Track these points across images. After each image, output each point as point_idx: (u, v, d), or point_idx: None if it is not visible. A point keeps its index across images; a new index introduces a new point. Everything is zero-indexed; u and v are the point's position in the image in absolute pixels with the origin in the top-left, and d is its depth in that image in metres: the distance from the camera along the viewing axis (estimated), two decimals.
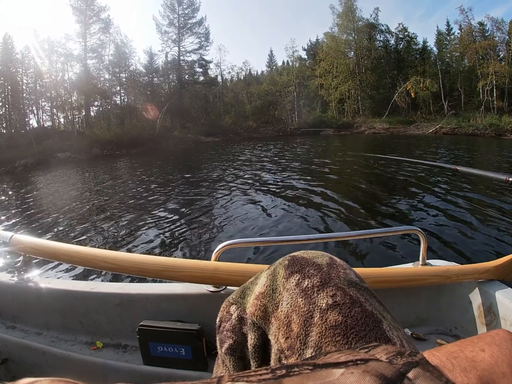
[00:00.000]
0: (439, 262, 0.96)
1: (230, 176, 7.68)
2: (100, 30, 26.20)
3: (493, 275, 0.86)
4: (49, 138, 20.00)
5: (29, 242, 0.93)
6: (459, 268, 0.86)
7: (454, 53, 26.95)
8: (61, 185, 8.89)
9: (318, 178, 6.59)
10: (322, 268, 0.39)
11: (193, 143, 21.90)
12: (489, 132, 19.13)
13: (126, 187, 7.33)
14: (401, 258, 2.64)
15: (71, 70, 25.52)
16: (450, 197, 4.49)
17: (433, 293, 0.93)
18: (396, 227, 1.00)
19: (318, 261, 0.41)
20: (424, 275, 0.85)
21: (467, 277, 0.85)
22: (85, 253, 0.85)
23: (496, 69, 23.26)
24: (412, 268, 0.92)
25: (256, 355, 0.39)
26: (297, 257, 0.42)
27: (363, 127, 25.06)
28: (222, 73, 32.31)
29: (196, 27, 28.88)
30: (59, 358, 0.89)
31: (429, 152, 10.79)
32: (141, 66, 28.78)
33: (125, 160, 14.82)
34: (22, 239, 0.93)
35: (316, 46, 31.79)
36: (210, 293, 0.84)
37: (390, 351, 0.23)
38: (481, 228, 3.22)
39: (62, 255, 0.88)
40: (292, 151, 13.36)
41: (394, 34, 29.11)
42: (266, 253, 2.80)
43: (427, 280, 0.84)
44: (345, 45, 28.53)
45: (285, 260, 0.42)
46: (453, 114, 23.15)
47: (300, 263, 0.41)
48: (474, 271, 0.85)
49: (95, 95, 25.63)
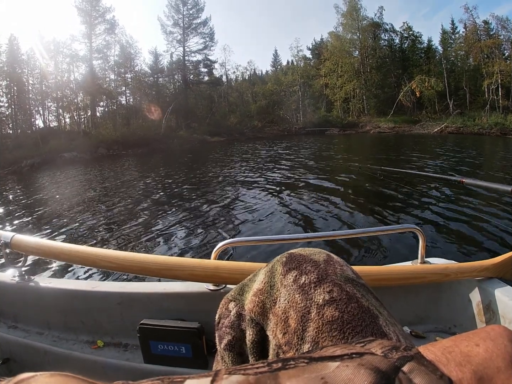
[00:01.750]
0: (438, 260, 0.95)
1: (233, 175, 7.73)
2: (105, 31, 26.30)
3: (492, 273, 0.85)
4: (55, 138, 20.09)
5: (31, 242, 0.93)
6: (458, 266, 0.86)
7: (459, 52, 26.87)
8: (67, 185, 8.94)
9: (319, 178, 6.64)
10: (319, 265, 0.40)
11: (198, 143, 21.96)
12: (495, 131, 19.02)
13: (131, 186, 7.37)
14: (400, 256, 2.61)
15: (77, 70, 25.67)
16: (450, 195, 4.53)
17: (432, 291, 0.93)
18: (395, 226, 1.02)
19: (315, 258, 0.41)
20: (423, 273, 0.85)
21: (466, 275, 0.85)
22: (86, 252, 0.86)
23: (501, 68, 23.16)
24: (411, 266, 0.92)
25: (255, 350, 0.39)
26: (294, 254, 0.42)
27: (368, 126, 25.03)
28: (227, 73, 32.43)
29: (201, 27, 29.00)
30: (60, 357, 0.89)
31: (435, 153, 10.69)
32: (146, 66, 28.95)
33: (131, 160, 14.87)
34: (24, 239, 0.93)
35: (320, 45, 31.77)
36: (210, 291, 0.85)
37: (385, 345, 0.23)
38: (480, 226, 3.22)
39: (63, 254, 0.88)
40: (297, 151, 13.35)
41: (398, 33, 29.09)
42: (266, 252, 2.82)
43: (426, 278, 0.84)
44: (349, 44, 28.49)
45: (283, 257, 0.43)
46: (458, 113, 23.09)
47: (297, 260, 0.41)
48: (473, 269, 0.85)
49: (101, 96, 25.74)
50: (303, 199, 4.76)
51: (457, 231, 3.15)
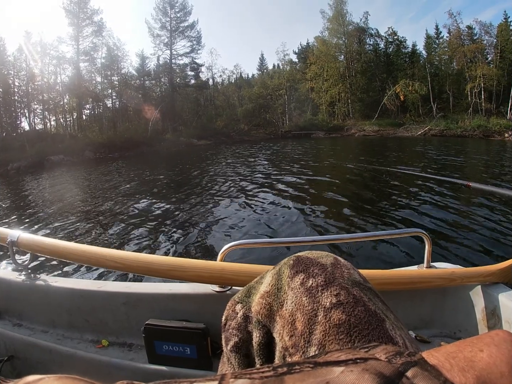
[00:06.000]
0: (443, 264, 0.95)
1: (230, 178, 7.61)
2: (93, 33, 26.20)
3: (498, 278, 0.85)
4: (42, 141, 20.01)
5: (37, 241, 0.94)
6: (463, 271, 0.86)
7: (443, 56, 27.37)
8: (55, 187, 8.87)
9: (316, 181, 6.63)
10: (327, 268, 0.40)
11: (185, 146, 22.02)
12: (477, 134, 19.43)
13: (121, 190, 7.23)
14: (406, 260, 2.66)
15: (64, 73, 25.57)
16: (455, 199, 4.53)
17: (437, 296, 0.92)
18: (401, 230, 1.04)
19: (323, 261, 0.41)
20: (428, 277, 0.84)
21: (471, 280, 0.85)
22: (92, 252, 0.86)
23: (484, 72, 23.68)
24: (417, 270, 0.92)
25: (261, 352, 0.39)
26: (302, 257, 0.43)
27: (353, 129, 25.36)
28: (213, 76, 32.47)
29: (188, 30, 28.99)
30: (64, 356, 0.89)
31: (417, 153, 10.88)
32: (133, 69, 28.86)
33: (118, 163, 14.78)
34: (30, 238, 0.94)
35: (306, 49, 32.10)
36: (216, 293, 0.84)
37: (390, 351, 0.23)
38: (485, 230, 3.23)
39: (69, 254, 0.89)
40: (287, 154, 13.44)
41: (383, 38, 29.56)
42: (272, 254, 2.82)
43: (432, 282, 0.84)
44: (335, 49, 28.86)
45: (290, 260, 0.43)
46: (441, 116, 23.47)
47: (304, 263, 0.41)
48: (479, 274, 0.84)
49: (87, 98, 25.68)
50: (305, 203, 4.77)
51: (462, 235, 3.15)
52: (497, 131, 18.90)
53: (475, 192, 4.70)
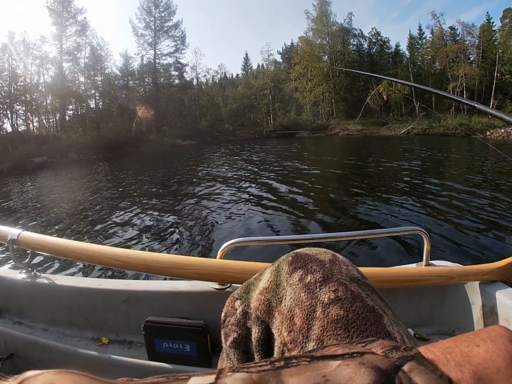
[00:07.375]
0: (442, 262, 0.95)
1: (226, 178, 7.74)
2: (76, 32, 25.97)
3: (496, 276, 0.85)
4: (25, 142, 19.78)
5: (37, 239, 0.93)
6: (462, 269, 0.86)
7: (426, 56, 27.80)
8: (40, 189, 8.75)
9: (306, 181, 6.68)
10: (325, 264, 0.40)
11: (170, 147, 22.01)
12: (460, 132, 19.70)
13: (108, 192, 7.17)
14: (405, 258, 2.67)
15: (46, 73, 25.30)
16: (454, 198, 4.56)
17: (436, 294, 0.92)
18: (400, 227, 1.00)
19: (321, 257, 0.42)
20: (427, 275, 0.84)
21: (470, 278, 0.85)
22: (92, 250, 0.86)
23: (466, 71, 24.15)
24: (416, 268, 0.91)
25: (260, 348, 0.40)
26: (300, 254, 0.43)
27: (337, 129, 25.64)
28: (197, 76, 32.45)
29: (172, 30, 28.96)
30: (65, 353, 0.89)
31: (402, 150, 11.07)
32: (116, 69, 28.64)
33: (102, 164, 14.67)
34: (31, 236, 0.94)
35: (291, 50, 32.41)
36: (216, 290, 0.85)
37: (386, 345, 0.23)
38: (484, 229, 3.26)
39: (70, 252, 0.88)
40: (275, 152, 13.56)
41: (367, 38, 29.95)
42: (271, 252, 2.83)
43: (430, 280, 0.84)
44: (319, 49, 29.13)
45: (289, 256, 0.43)
46: (424, 115, 23.81)
47: (303, 259, 0.42)
48: (477, 272, 0.85)
49: (71, 99, 25.49)
50: (305, 201, 4.81)
51: (461, 233, 3.17)
52: (479, 129, 19.25)
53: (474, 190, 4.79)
